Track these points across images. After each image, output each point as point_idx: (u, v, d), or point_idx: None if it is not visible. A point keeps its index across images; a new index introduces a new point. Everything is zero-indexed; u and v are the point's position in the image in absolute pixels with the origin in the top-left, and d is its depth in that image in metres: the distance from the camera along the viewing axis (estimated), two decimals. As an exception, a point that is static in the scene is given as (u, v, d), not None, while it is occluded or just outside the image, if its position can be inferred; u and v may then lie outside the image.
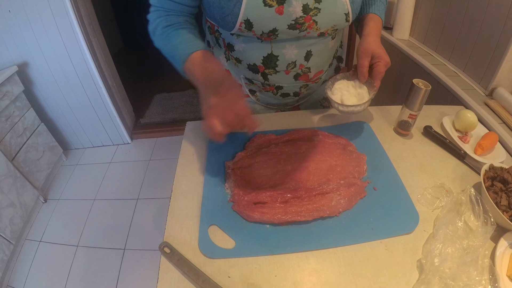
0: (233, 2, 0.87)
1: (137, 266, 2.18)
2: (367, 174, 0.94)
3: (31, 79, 2.68)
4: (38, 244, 2.39)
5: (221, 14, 0.92)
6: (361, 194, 0.86)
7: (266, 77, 1.10)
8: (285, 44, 1.00)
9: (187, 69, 0.90)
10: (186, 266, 0.72)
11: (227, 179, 0.93)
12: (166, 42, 0.95)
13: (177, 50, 0.92)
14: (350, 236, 0.78)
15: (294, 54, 1.02)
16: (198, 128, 1.15)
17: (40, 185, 2.65)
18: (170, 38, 0.94)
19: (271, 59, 1.03)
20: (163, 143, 3.34)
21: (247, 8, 0.87)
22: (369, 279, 0.69)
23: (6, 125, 2.34)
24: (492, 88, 1.41)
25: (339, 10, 0.93)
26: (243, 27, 0.91)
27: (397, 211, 0.83)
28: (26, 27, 2.40)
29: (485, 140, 1.03)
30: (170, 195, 0.91)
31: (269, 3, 0.87)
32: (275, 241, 0.77)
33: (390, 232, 0.78)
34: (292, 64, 1.05)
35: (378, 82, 0.96)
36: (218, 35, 1.11)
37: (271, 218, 0.79)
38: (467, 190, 0.83)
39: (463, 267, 0.67)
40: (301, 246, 0.76)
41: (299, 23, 0.91)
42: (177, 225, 0.82)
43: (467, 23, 1.56)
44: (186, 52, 0.89)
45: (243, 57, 1.08)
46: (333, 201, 0.83)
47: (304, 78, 1.11)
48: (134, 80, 4.20)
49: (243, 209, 0.82)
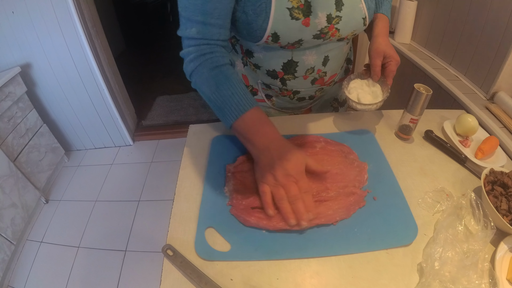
0: (261, 18, 0.87)
1: (138, 267, 2.18)
2: (368, 183, 0.92)
3: (34, 80, 2.69)
4: (39, 245, 2.40)
5: (249, 29, 0.92)
6: (360, 204, 0.84)
7: (285, 82, 1.10)
8: (306, 51, 1.01)
9: (240, 128, 0.88)
10: (189, 268, 0.72)
11: (227, 183, 0.92)
12: (214, 89, 0.89)
13: (228, 103, 0.88)
14: (346, 245, 0.77)
15: (313, 60, 1.04)
16: (200, 131, 1.15)
17: (41, 186, 2.67)
18: (218, 85, 0.89)
19: (291, 65, 1.04)
20: (165, 145, 3.35)
21: (275, 22, 0.87)
22: (370, 281, 0.69)
23: (8, 125, 2.36)
24: (493, 92, 1.41)
25: (357, 15, 0.95)
26: (270, 40, 0.92)
27: (395, 222, 0.81)
28: (29, 29, 2.42)
29: (486, 144, 1.03)
30: (172, 197, 0.91)
31: (296, 16, 0.88)
32: (270, 247, 0.77)
33: (387, 243, 0.77)
34: (311, 70, 1.06)
35: (391, 80, 0.99)
36: (235, 41, 1.11)
37: (267, 223, 0.79)
38: (467, 194, 0.83)
39: (463, 270, 0.67)
40: (296, 253, 0.76)
41: (324, 32, 0.93)
42: (179, 227, 0.82)
43: (468, 28, 1.56)
44: (240, 109, 0.87)
45: (262, 63, 1.08)
46: (330, 209, 0.81)
47: (320, 82, 1.12)
48: (136, 81, 4.22)
49: (241, 213, 0.82)
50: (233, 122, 0.88)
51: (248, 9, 0.88)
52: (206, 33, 0.88)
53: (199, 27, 0.87)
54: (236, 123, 0.87)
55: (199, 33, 0.87)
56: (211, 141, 1.09)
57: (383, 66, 1.00)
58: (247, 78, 1.19)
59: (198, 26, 0.86)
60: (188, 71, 0.93)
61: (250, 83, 1.20)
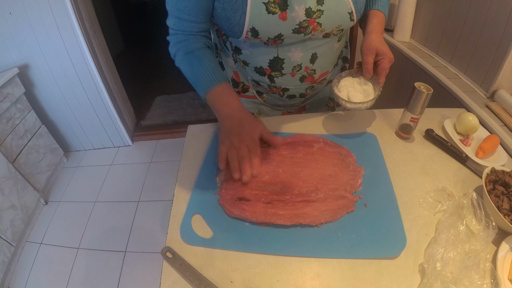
0: (238, 13, 0.90)
1: (138, 268, 2.18)
2: (362, 189, 0.90)
3: (32, 81, 2.69)
4: (39, 246, 2.40)
5: (228, 25, 0.95)
6: (349, 209, 0.83)
7: (273, 79, 1.12)
8: (291, 48, 1.02)
9: (209, 100, 0.98)
10: (188, 270, 0.72)
11: (219, 173, 0.94)
12: (189, 69, 1.01)
13: (200, 80, 0.99)
14: (326, 249, 0.76)
15: (300, 57, 1.04)
16: (199, 131, 1.15)
17: (41, 187, 2.66)
18: (192, 66, 1.01)
19: (277, 62, 1.06)
20: (164, 145, 3.34)
21: (252, 17, 0.90)
22: (372, 283, 0.69)
23: (7, 127, 2.35)
24: (493, 90, 1.41)
25: (342, 10, 0.94)
26: (250, 35, 0.94)
27: (383, 232, 0.78)
28: (27, 29, 2.41)
29: (487, 143, 1.03)
30: (171, 198, 0.91)
31: (272, 11, 0.89)
32: (250, 240, 0.79)
33: (370, 253, 0.74)
34: (298, 67, 1.07)
35: (383, 78, 0.97)
36: (226, 38, 1.13)
37: (250, 216, 0.80)
38: (468, 194, 0.83)
39: (465, 271, 0.67)
40: (274, 249, 0.76)
41: (303, 26, 0.93)
42: (179, 229, 0.82)
43: (468, 26, 1.56)
44: (209, 84, 0.97)
45: (250, 60, 1.10)
46: (316, 210, 0.81)
47: (310, 80, 1.12)
48: (135, 82, 4.20)
49: (226, 203, 0.84)
50: (204, 95, 0.98)
51: (227, 5, 0.92)
52: (180, 26, 1.00)
53: (175, 20, 1.00)
54: (207, 96, 0.98)
55: (175, 25, 1.01)
56: (213, 135, 1.12)
57: (375, 63, 0.98)
58: (238, 74, 1.22)
59: (175, 20, 1.00)
60: (172, 54, 1.07)
61: (241, 79, 1.23)
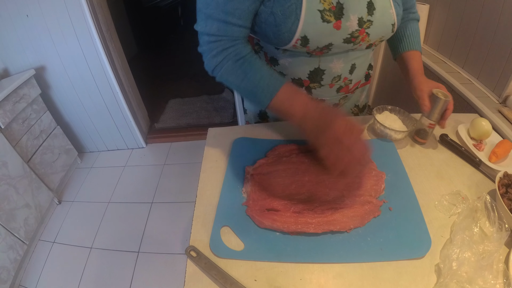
0: (291, 20, 0.85)
1: (151, 269, 2.19)
2: (385, 193, 0.92)
3: (48, 82, 2.74)
4: (52, 245, 2.43)
5: (276, 31, 0.89)
6: (375, 213, 0.85)
7: (310, 91, 1.09)
8: (333, 58, 0.99)
9: (276, 105, 0.87)
10: (214, 269, 0.73)
11: (245, 184, 0.95)
12: (243, 77, 0.89)
13: (260, 86, 0.87)
14: (358, 254, 0.77)
15: (341, 68, 1.02)
16: (220, 134, 1.17)
17: (55, 187, 2.70)
18: (247, 74, 0.89)
19: (318, 73, 1.03)
20: (178, 148, 3.36)
21: (305, 25, 0.85)
22: (391, 282, 0.71)
23: (23, 127, 2.40)
24: (505, 95, 1.42)
25: (387, 21, 0.94)
26: (298, 44, 0.90)
27: (409, 234, 0.80)
28: (44, 32, 2.46)
29: (499, 148, 1.05)
30: (185, 199, 0.93)
31: (327, 19, 0.86)
32: (282, 249, 0.78)
33: (399, 255, 0.76)
34: (337, 78, 1.05)
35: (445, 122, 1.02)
36: (258, 48, 1.10)
37: (281, 226, 0.80)
38: (482, 197, 0.85)
39: (479, 271, 0.69)
40: (307, 258, 0.77)
41: (354, 36, 0.91)
42: (202, 229, 0.84)
43: (480, 31, 1.57)
44: (272, 89, 0.86)
45: (287, 71, 1.06)
46: (345, 217, 0.82)
47: (345, 90, 1.11)
48: (148, 85, 4.25)
49: (256, 214, 0.84)
50: (268, 103, 0.87)
51: (277, 10, 0.86)
52: (228, 30, 0.87)
53: (219, 24, 0.86)
54: (271, 103, 0.87)
55: (220, 30, 0.87)
56: (232, 143, 1.11)
57: None
58: None
59: (219, 24, 0.86)
60: (211, 66, 0.92)
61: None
